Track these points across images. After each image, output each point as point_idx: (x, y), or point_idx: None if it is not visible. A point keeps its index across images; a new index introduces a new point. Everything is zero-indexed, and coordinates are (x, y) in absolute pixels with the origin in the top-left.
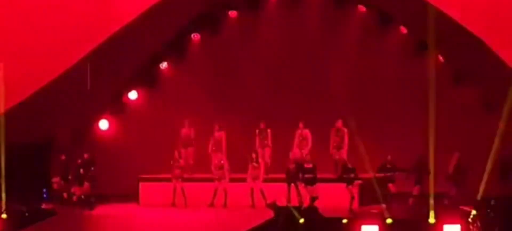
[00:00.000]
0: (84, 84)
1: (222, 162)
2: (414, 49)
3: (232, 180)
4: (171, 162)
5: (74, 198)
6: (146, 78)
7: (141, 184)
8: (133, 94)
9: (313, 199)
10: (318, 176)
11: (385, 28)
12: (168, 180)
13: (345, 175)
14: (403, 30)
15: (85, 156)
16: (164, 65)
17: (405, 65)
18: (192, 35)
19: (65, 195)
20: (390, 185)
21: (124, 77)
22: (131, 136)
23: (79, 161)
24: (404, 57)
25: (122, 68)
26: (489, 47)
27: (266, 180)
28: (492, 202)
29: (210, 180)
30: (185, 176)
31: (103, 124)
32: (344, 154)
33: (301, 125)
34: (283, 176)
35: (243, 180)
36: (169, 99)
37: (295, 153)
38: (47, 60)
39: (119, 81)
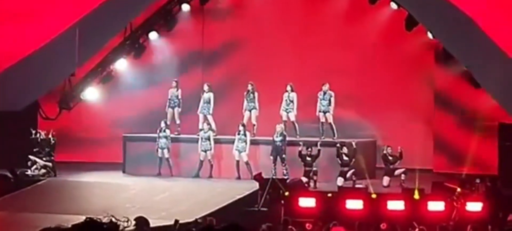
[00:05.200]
0: (72, 52)
1: (208, 133)
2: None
3: (218, 140)
4: (157, 131)
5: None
6: (133, 47)
7: (128, 144)
8: (120, 63)
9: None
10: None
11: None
12: (154, 139)
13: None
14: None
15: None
16: None
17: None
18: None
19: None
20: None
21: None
22: (119, 103)
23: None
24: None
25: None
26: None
27: (252, 143)
28: (477, 181)
29: (196, 140)
30: (171, 135)
31: (91, 93)
32: (330, 117)
33: (288, 88)
34: (269, 138)
35: (230, 141)
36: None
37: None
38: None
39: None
